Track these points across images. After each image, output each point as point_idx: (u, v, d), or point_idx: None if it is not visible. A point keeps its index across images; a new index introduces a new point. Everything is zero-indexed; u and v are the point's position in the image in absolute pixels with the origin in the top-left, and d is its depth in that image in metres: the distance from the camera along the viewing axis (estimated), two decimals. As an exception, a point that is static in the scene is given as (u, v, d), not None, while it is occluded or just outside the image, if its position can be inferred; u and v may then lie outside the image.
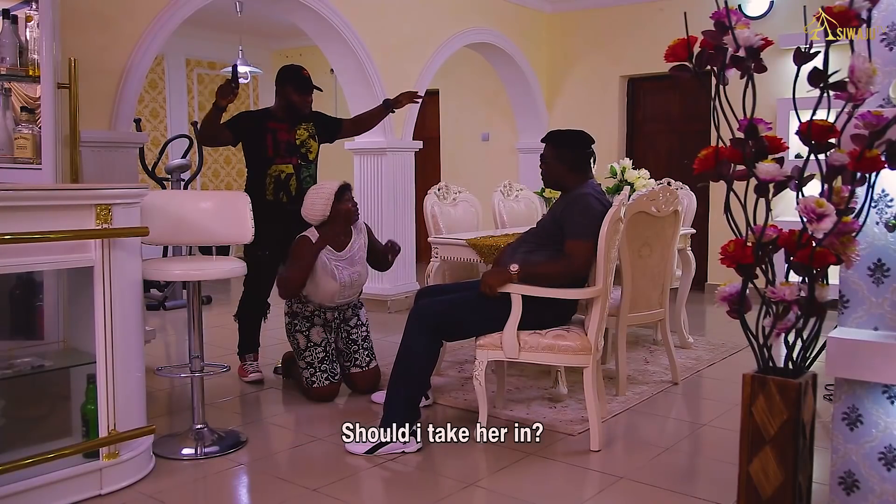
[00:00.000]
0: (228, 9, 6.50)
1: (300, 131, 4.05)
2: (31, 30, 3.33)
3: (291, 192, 3.98)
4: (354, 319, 3.88)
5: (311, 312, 3.75)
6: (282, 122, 4.00)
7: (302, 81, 4.00)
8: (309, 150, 4.08)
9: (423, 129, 7.84)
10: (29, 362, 2.73)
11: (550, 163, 3.30)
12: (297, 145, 4.03)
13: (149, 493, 2.69)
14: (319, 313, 3.76)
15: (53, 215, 2.49)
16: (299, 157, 4.03)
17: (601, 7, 7.36)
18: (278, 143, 3.97)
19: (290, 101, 4.00)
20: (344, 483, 2.80)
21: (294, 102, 4.00)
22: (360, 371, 3.84)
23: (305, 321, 3.74)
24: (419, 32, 6.29)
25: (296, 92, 3.99)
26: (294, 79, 4.00)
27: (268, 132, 3.96)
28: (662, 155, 7.28)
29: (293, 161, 4.00)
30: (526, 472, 2.89)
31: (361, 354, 3.85)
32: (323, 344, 3.73)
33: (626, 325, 3.78)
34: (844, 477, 2.19)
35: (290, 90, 3.99)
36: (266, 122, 3.99)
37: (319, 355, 3.71)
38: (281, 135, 3.98)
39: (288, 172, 3.98)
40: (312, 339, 3.72)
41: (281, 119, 4.01)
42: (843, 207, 1.98)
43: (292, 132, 4.02)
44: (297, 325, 3.75)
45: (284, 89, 4.00)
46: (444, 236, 4.19)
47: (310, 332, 3.73)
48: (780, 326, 2.09)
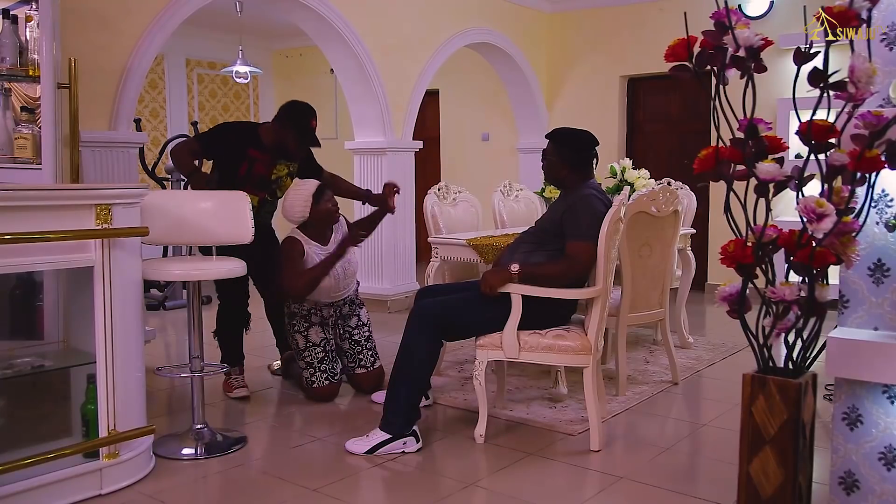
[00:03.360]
0: (228, 9, 6.49)
1: (280, 167, 3.82)
2: (31, 30, 3.33)
3: None
4: (355, 319, 3.88)
5: (308, 311, 3.74)
6: (264, 154, 3.74)
7: (307, 135, 3.73)
8: (279, 188, 3.85)
9: (423, 129, 7.84)
10: (29, 362, 2.73)
11: (552, 160, 3.29)
12: (270, 181, 3.80)
13: (149, 493, 2.69)
14: (316, 311, 3.76)
15: (53, 215, 2.49)
16: (268, 193, 3.82)
17: (601, 7, 7.35)
18: (252, 175, 3.72)
19: (285, 143, 3.73)
20: (344, 483, 2.80)
21: (289, 148, 3.75)
22: (364, 371, 3.84)
23: (303, 321, 3.74)
24: (419, 32, 6.29)
25: (296, 140, 3.73)
26: (300, 127, 3.71)
27: (245, 159, 3.70)
28: (662, 155, 7.28)
29: (260, 195, 3.76)
30: (526, 472, 2.89)
31: (366, 355, 3.85)
32: (322, 344, 3.73)
33: (626, 325, 3.78)
34: (844, 477, 2.19)
35: (292, 135, 3.71)
36: (248, 147, 3.71)
37: (319, 355, 3.71)
38: (258, 167, 3.73)
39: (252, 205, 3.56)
40: (311, 340, 3.72)
41: (265, 150, 3.75)
42: (843, 207, 1.98)
43: (270, 168, 3.78)
44: (295, 326, 3.74)
45: (285, 128, 3.71)
46: (444, 236, 4.19)
47: (308, 333, 3.72)
48: (780, 326, 2.09)
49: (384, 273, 6.15)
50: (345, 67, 5.99)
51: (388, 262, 6.15)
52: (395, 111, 6.18)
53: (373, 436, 3.06)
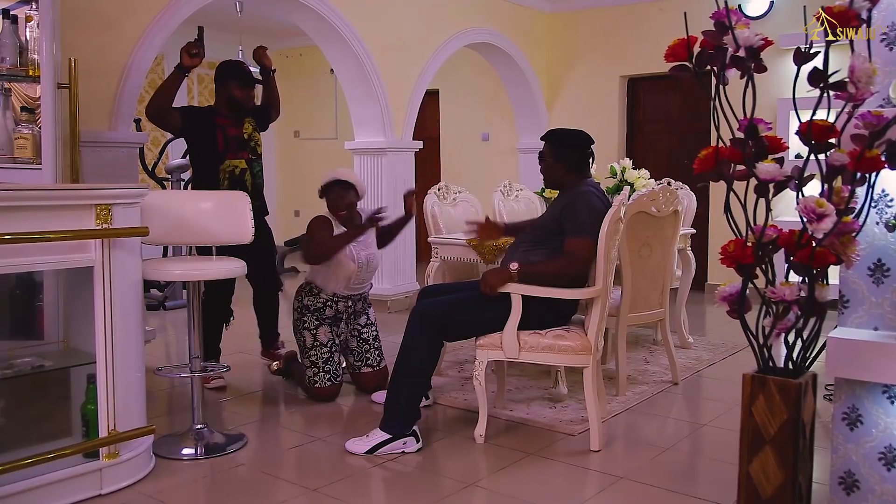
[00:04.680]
0: (228, 9, 6.50)
1: (246, 125, 4.06)
2: (31, 30, 3.33)
3: (248, 187, 3.97)
4: (364, 318, 3.89)
5: (324, 303, 3.73)
6: (227, 118, 3.99)
7: (243, 76, 4.00)
8: (257, 144, 4.11)
9: (423, 129, 7.83)
10: (29, 362, 2.73)
11: (549, 161, 3.30)
12: (245, 140, 4.03)
13: (149, 493, 2.69)
14: (332, 304, 3.75)
15: (53, 215, 2.49)
16: (249, 152, 4.04)
17: (601, 7, 7.35)
18: (228, 138, 3.96)
19: (233, 95, 3.98)
20: (344, 483, 2.80)
21: (237, 97, 3.98)
22: (371, 371, 3.85)
23: (314, 317, 3.73)
24: (419, 32, 6.29)
25: (239, 87, 3.98)
26: (236, 74, 4.00)
27: (216, 128, 3.94)
28: (662, 155, 7.28)
29: (244, 156, 4.01)
30: (526, 472, 2.89)
31: (373, 354, 3.86)
32: (329, 344, 3.73)
33: (626, 325, 3.78)
34: (844, 477, 2.19)
35: (234, 85, 3.98)
36: (213, 117, 3.98)
37: (324, 356, 3.71)
38: (230, 130, 3.98)
39: (242, 167, 3.99)
40: (319, 339, 3.72)
41: (226, 115, 4.00)
42: (843, 207, 1.98)
43: (240, 127, 4.02)
44: (305, 322, 3.74)
45: (227, 85, 3.99)
46: (444, 236, 4.19)
47: (317, 331, 3.72)
48: (780, 326, 2.09)
49: (384, 273, 6.14)
50: (345, 67, 5.99)
51: (388, 262, 6.14)
52: (395, 111, 6.18)
53: (373, 436, 3.06)
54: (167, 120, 3.89)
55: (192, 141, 4.05)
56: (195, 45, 3.70)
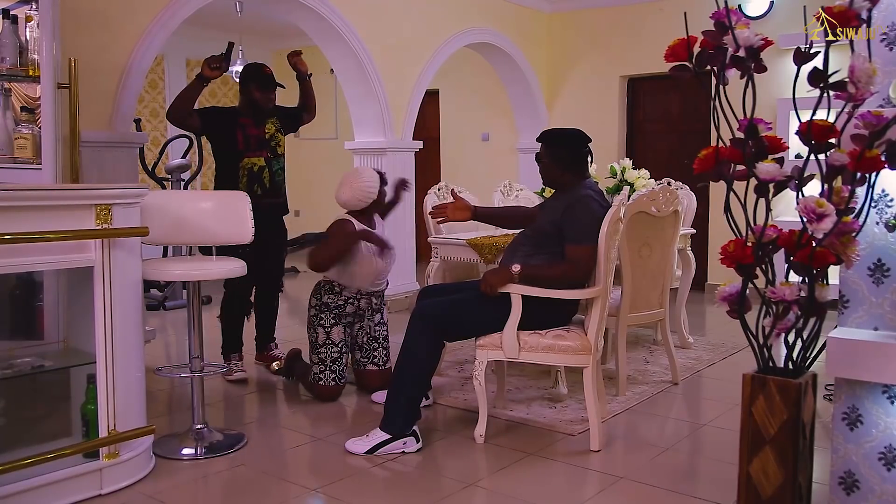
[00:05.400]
0: (228, 9, 6.50)
1: (268, 126, 4.17)
2: (31, 30, 3.33)
3: (266, 184, 4.11)
4: (378, 316, 3.90)
5: (345, 301, 3.74)
6: (248, 118, 4.11)
7: (264, 79, 4.09)
8: (278, 144, 4.21)
9: (423, 129, 7.84)
10: (29, 362, 2.73)
11: (546, 162, 3.28)
12: (266, 139, 4.14)
13: (149, 493, 2.69)
14: (353, 301, 3.76)
15: (53, 215, 2.49)
16: (269, 151, 4.15)
17: (601, 7, 7.35)
18: (248, 137, 4.08)
19: (253, 98, 4.09)
20: (344, 483, 2.81)
21: (257, 100, 4.09)
22: (376, 369, 3.85)
23: (332, 315, 3.73)
24: (419, 32, 6.29)
25: (258, 89, 4.08)
26: (256, 76, 4.09)
27: (237, 127, 4.06)
28: (662, 155, 7.28)
29: (264, 154, 4.12)
30: (526, 472, 2.89)
31: (381, 353, 3.87)
32: (340, 345, 3.74)
33: (626, 325, 3.78)
34: (844, 477, 2.19)
35: (254, 88, 4.08)
36: (236, 118, 4.10)
37: (333, 355, 3.71)
38: (250, 130, 4.09)
39: (260, 165, 4.09)
40: (332, 338, 3.72)
41: (247, 115, 4.12)
42: (843, 207, 1.98)
43: (261, 127, 4.13)
44: (321, 319, 3.74)
45: (248, 87, 4.11)
46: (444, 236, 4.19)
47: (332, 330, 3.72)
48: (780, 326, 2.09)
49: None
50: (345, 67, 5.99)
51: (388, 262, 6.14)
52: (394, 111, 6.18)
53: (373, 436, 3.06)
54: (188, 123, 4.01)
55: (214, 139, 4.16)
56: (218, 59, 3.80)
